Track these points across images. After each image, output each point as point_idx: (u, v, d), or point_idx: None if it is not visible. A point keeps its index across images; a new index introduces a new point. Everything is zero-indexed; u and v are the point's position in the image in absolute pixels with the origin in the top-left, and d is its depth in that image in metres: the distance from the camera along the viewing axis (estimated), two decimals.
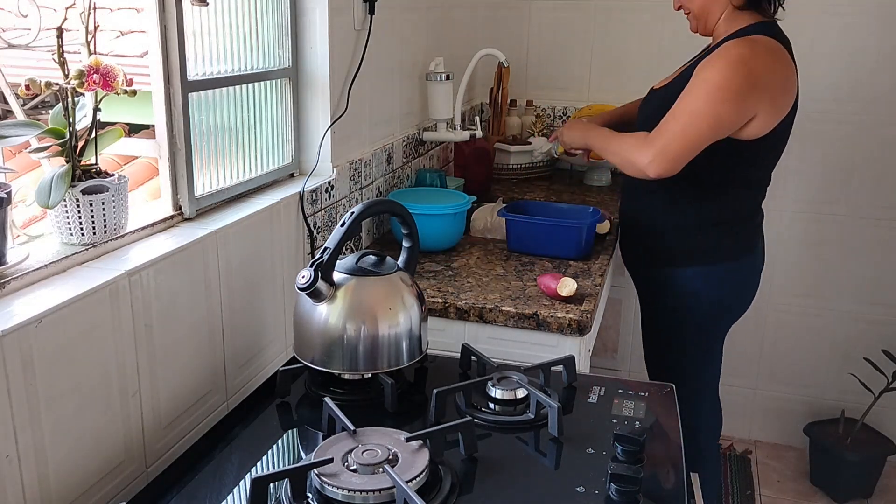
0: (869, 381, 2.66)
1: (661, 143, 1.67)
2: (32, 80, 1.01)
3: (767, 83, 1.67)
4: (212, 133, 1.36)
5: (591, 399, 1.25)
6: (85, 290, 0.98)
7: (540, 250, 1.83)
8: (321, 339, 1.21)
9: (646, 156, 1.68)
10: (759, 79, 1.66)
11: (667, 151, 1.66)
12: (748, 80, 1.65)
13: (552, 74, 2.87)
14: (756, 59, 1.67)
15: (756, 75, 1.66)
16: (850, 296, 2.76)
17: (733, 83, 1.64)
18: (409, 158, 2.15)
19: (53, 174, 1.04)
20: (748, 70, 1.65)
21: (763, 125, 1.69)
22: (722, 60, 1.67)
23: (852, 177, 2.67)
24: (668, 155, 1.66)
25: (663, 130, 1.69)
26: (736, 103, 1.65)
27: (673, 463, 1.09)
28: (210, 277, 1.24)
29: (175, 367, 1.17)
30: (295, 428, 1.20)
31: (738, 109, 1.66)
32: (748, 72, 1.65)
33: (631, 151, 1.73)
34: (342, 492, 0.92)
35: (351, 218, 1.22)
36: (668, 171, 1.68)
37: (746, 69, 1.65)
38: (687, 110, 1.67)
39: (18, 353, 0.88)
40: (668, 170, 1.68)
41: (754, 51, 1.68)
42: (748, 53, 1.67)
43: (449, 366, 1.35)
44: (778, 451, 2.93)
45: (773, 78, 1.68)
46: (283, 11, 1.54)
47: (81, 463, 1.00)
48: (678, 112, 1.68)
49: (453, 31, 2.46)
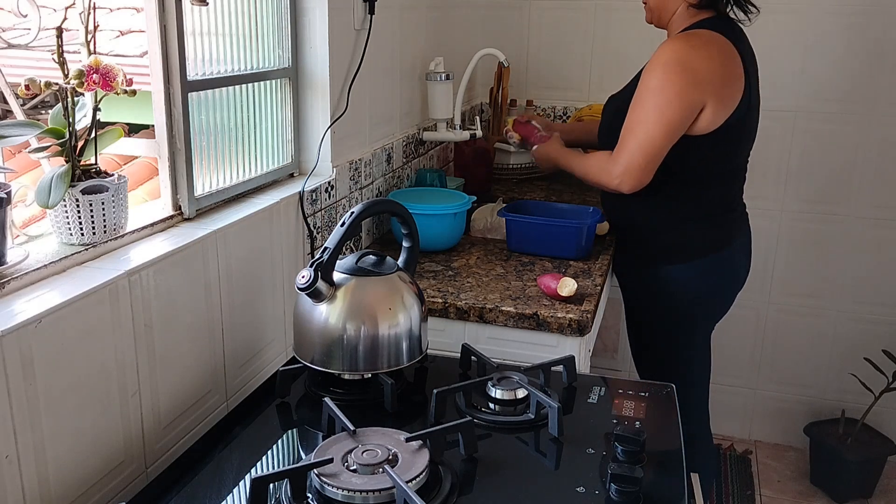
0: (869, 381, 2.66)
1: (623, 161, 1.74)
2: (32, 79, 1.01)
3: (706, 75, 1.70)
4: (212, 133, 1.36)
5: (591, 399, 1.25)
6: (84, 290, 0.98)
7: (540, 250, 1.83)
8: (321, 339, 1.21)
9: (614, 176, 1.75)
10: (696, 73, 1.70)
11: (632, 167, 1.73)
12: (685, 77, 1.69)
13: (552, 74, 2.87)
14: (691, 52, 1.71)
15: (693, 70, 1.70)
16: (850, 296, 2.76)
17: (673, 84, 1.69)
18: (409, 158, 2.15)
19: (53, 174, 1.04)
20: (683, 67, 1.70)
21: (713, 117, 1.72)
22: (658, 64, 1.72)
23: (852, 177, 2.67)
24: (633, 170, 1.73)
25: (622, 148, 1.75)
26: (680, 103, 1.69)
27: (673, 463, 1.09)
28: (210, 277, 1.24)
29: (175, 367, 1.17)
30: (295, 428, 1.20)
31: (684, 108, 1.70)
32: (683, 68, 1.70)
33: (599, 174, 1.80)
34: (342, 492, 0.92)
35: (351, 218, 1.22)
36: (639, 183, 1.74)
37: (681, 66, 1.70)
38: (638, 120, 1.72)
39: (18, 353, 0.88)
40: (639, 182, 1.74)
41: (690, 44, 1.72)
42: (682, 50, 1.71)
43: (449, 366, 1.35)
44: (778, 451, 2.93)
45: (712, 69, 1.71)
46: (283, 11, 1.54)
47: (81, 463, 1.00)
48: (631, 125, 1.74)
49: (453, 31, 2.46)
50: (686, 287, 1.88)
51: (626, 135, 1.74)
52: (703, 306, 1.93)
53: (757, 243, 2.20)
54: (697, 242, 1.86)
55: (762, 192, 2.72)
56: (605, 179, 1.78)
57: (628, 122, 1.74)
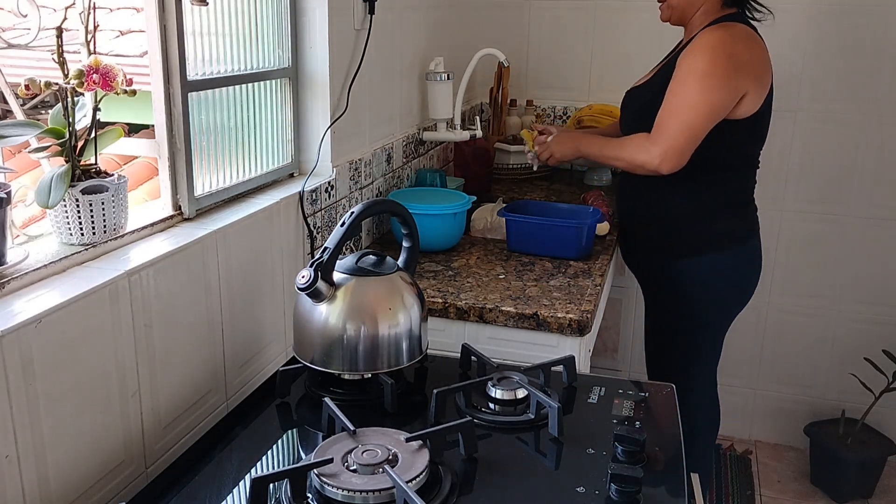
0: (869, 381, 2.66)
1: (665, 141, 1.74)
2: (32, 79, 1.01)
3: (749, 62, 1.75)
4: (211, 133, 1.36)
5: (591, 399, 1.25)
6: (84, 290, 0.98)
7: (540, 250, 1.83)
8: (321, 339, 1.21)
9: (654, 156, 1.75)
10: (740, 59, 1.74)
11: (674, 147, 1.73)
12: (732, 62, 1.73)
13: (552, 74, 2.87)
14: (735, 41, 1.75)
15: (738, 56, 1.73)
16: (850, 296, 2.76)
17: (719, 68, 1.72)
18: (409, 158, 2.15)
19: (53, 174, 1.04)
20: (730, 53, 1.73)
21: (754, 102, 1.77)
22: (704, 48, 1.74)
23: (852, 177, 2.67)
24: (675, 150, 1.73)
25: (664, 127, 1.75)
26: (726, 86, 1.72)
27: (673, 463, 1.09)
28: (210, 277, 1.24)
29: (175, 367, 1.17)
30: (295, 428, 1.20)
31: (730, 91, 1.73)
32: (730, 54, 1.73)
33: (637, 153, 1.79)
34: (342, 492, 0.92)
35: (351, 218, 1.22)
36: (679, 164, 1.75)
37: (728, 52, 1.73)
38: (682, 103, 1.73)
39: (18, 353, 0.88)
40: (678, 164, 1.75)
41: (732, 33, 1.76)
42: (728, 37, 1.75)
43: (449, 366, 1.35)
44: (778, 452, 2.92)
45: (753, 57, 1.76)
46: (283, 11, 1.54)
47: (81, 463, 1.00)
48: (674, 106, 1.75)
49: (453, 31, 2.46)
50: (719, 278, 1.89)
51: (666, 116, 1.75)
52: (734, 296, 1.95)
53: None
54: (727, 233, 1.88)
55: (762, 192, 2.70)
56: (644, 158, 1.77)
57: (669, 105, 1.75)
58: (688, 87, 1.73)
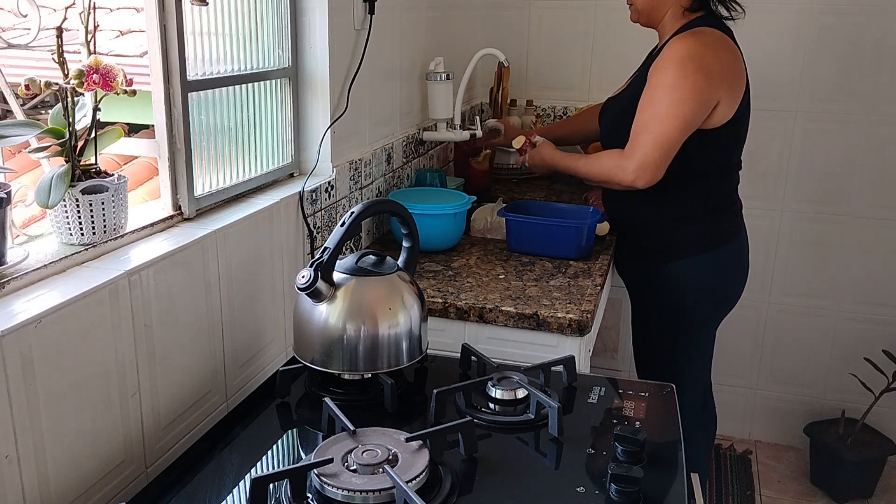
0: (869, 381, 2.66)
1: (639, 157, 1.75)
2: (32, 79, 1.01)
3: (720, 70, 1.74)
4: (212, 133, 1.36)
5: (591, 399, 1.25)
6: (84, 290, 0.98)
7: (540, 250, 1.83)
8: (321, 339, 1.21)
9: (629, 173, 1.76)
10: (710, 68, 1.72)
11: (647, 163, 1.74)
12: (701, 73, 1.71)
13: (552, 74, 2.87)
14: (704, 49, 1.74)
15: (708, 66, 1.72)
16: (850, 296, 2.76)
17: (689, 80, 1.71)
18: (409, 158, 2.15)
19: (53, 174, 1.04)
20: (699, 63, 1.72)
21: (726, 110, 1.76)
22: (672, 60, 1.74)
23: (852, 177, 2.67)
24: (649, 165, 1.74)
25: (637, 143, 1.76)
26: (697, 98, 1.71)
27: (673, 463, 1.09)
28: (210, 277, 1.24)
29: (175, 367, 1.17)
30: (295, 428, 1.20)
31: (701, 104, 1.72)
32: (699, 65, 1.72)
33: (612, 172, 1.81)
34: (342, 492, 0.92)
35: (351, 218, 1.22)
36: (654, 178, 1.76)
37: (697, 63, 1.72)
38: (653, 118, 1.73)
39: (18, 353, 0.88)
40: (654, 178, 1.75)
41: (701, 41, 1.75)
42: (695, 47, 1.73)
43: (449, 366, 1.35)
44: (778, 452, 2.92)
45: (723, 64, 1.75)
46: (283, 11, 1.54)
47: (81, 463, 1.00)
48: (646, 120, 1.75)
49: (453, 31, 2.46)
50: (700, 281, 1.89)
51: (639, 131, 1.75)
52: (716, 299, 1.94)
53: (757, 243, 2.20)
54: (707, 236, 1.87)
55: (762, 192, 2.72)
56: (620, 176, 1.78)
57: (641, 119, 1.75)
58: (658, 101, 1.73)
